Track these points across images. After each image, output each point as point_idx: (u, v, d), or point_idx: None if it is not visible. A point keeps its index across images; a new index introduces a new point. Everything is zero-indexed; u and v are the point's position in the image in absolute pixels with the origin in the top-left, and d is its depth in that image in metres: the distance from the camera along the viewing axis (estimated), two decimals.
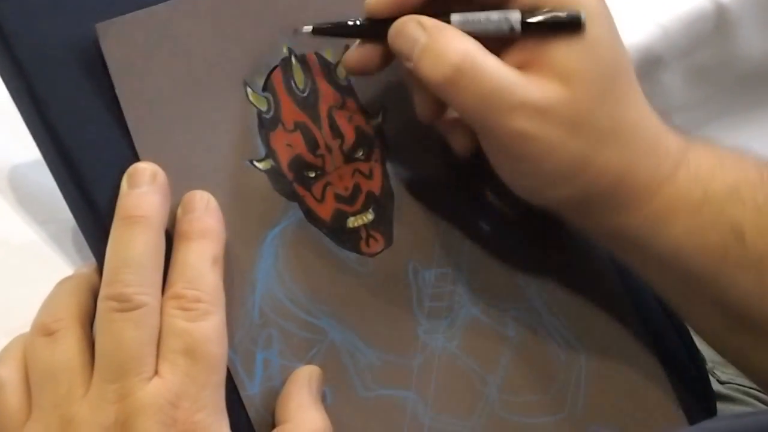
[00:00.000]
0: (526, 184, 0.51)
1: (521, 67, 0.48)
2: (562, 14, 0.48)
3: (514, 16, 0.48)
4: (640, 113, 0.50)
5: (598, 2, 0.49)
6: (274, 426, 0.48)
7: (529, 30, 0.48)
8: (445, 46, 0.48)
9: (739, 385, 0.73)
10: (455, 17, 0.49)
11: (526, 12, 0.48)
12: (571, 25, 0.48)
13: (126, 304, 0.43)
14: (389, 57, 0.51)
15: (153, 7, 0.49)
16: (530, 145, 0.48)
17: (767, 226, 0.50)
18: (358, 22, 0.51)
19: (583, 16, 0.47)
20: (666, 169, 0.50)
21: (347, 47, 0.52)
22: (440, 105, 0.52)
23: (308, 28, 0.52)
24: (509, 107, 0.47)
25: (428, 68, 0.48)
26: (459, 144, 0.53)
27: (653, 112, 0.51)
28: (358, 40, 0.52)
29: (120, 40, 0.48)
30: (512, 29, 0.48)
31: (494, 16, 0.48)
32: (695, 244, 0.50)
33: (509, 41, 0.49)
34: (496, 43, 0.49)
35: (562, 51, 0.48)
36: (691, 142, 0.52)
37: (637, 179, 0.50)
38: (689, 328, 0.59)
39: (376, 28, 0.51)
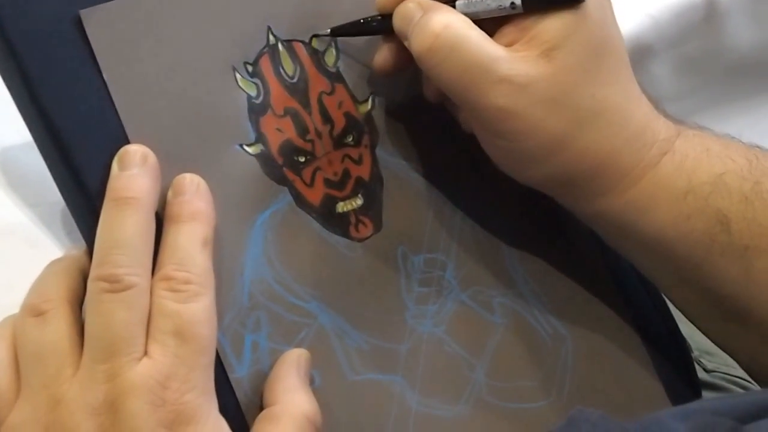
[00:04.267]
0: (508, 161, 0.51)
1: (510, 44, 0.49)
2: None
3: None
4: (626, 98, 0.50)
5: None
6: (262, 408, 0.48)
7: (530, 5, 0.48)
8: (431, 18, 0.48)
9: (725, 374, 0.74)
10: (460, 1, 0.50)
11: None
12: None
13: (116, 285, 0.43)
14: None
15: None
16: (509, 122, 0.48)
17: (753, 217, 0.50)
18: (370, 19, 0.52)
19: None
20: (650, 156, 0.50)
21: (332, 37, 0.53)
22: None
23: (326, 32, 0.53)
24: (489, 82, 0.48)
25: (415, 41, 0.49)
26: (465, 123, 0.53)
27: (644, 98, 0.51)
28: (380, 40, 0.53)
29: (105, 27, 0.47)
30: (513, 5, 0.48)
31: None
32: (680, 232, 0.50)
33: (507, 21, 0.49)
34: (497, 24, 0.49)
35: (552, 24, 0.48)
36: (681, 130, 0.52)
37: (619, 164, 0.50)
38: (674, 316, 0.60)
39: (389, 24, 0.51)
